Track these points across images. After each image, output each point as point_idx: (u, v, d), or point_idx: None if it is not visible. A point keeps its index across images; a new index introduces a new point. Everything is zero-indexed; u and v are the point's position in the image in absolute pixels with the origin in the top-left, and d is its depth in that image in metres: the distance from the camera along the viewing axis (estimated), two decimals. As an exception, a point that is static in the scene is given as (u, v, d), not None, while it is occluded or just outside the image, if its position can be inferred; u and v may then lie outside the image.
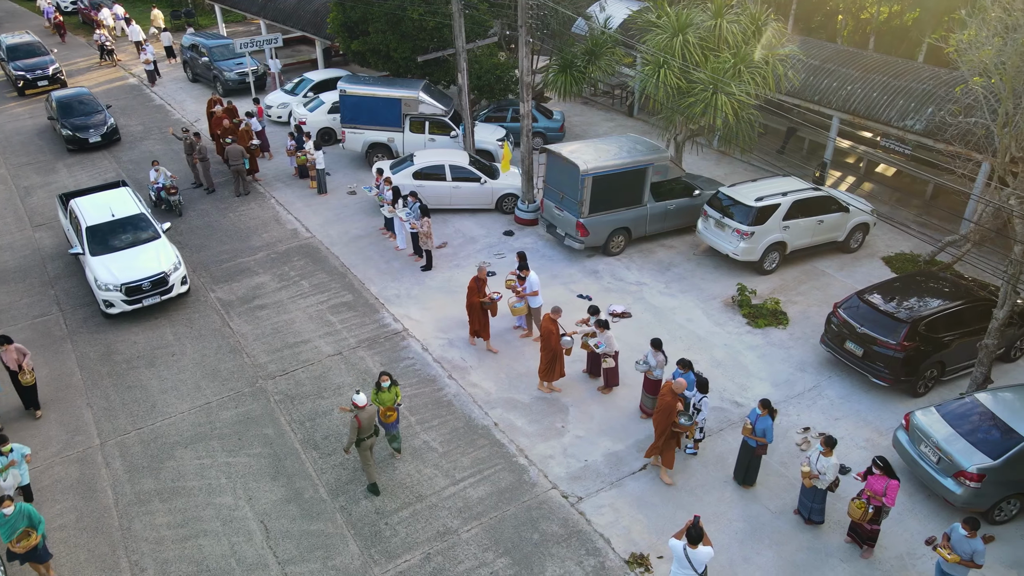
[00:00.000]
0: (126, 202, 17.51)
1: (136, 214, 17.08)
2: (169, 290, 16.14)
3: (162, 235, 16.98)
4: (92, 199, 17.56)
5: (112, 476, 12.24)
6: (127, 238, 16.66)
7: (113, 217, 16.84)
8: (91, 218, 16.76)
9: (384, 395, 11.77)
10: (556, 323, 13.13)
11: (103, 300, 15.65)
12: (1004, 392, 11.70)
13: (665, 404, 11.35)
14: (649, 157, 17.71)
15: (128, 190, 18.16)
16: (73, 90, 26.20)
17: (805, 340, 15.25)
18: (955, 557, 9.02)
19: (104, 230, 16.61)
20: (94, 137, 24.66)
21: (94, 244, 16.35)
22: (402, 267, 17.94)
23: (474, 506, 11.55)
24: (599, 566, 10.58)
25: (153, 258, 16.20)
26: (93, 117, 25.06)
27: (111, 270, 15.77)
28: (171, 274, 16.14)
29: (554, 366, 13.46)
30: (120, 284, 15.60)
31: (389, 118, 22.14)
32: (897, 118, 19.17)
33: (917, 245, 18.46)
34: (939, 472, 11.07)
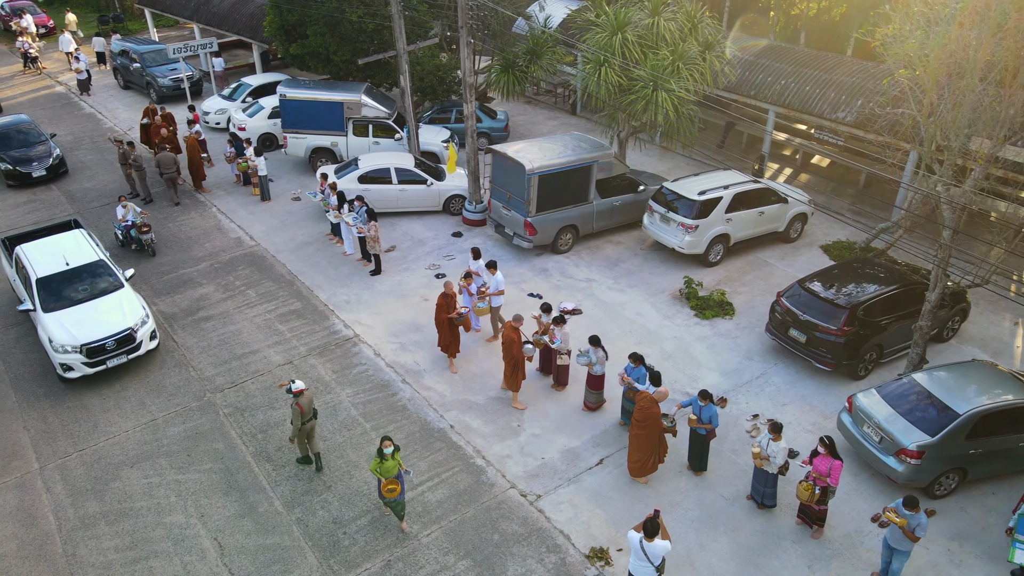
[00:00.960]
0: (81, 247, 15.42)
1: (94, 261, 15.04)
2: (136, 347, 14.20)
3: (125, 284, 14.99)
4: (41, 245, 15.42)
5: (54, 501, 11.78)
6: (85, 289, 14.65)
7: (68, 266, 14.78)
8: (42, 268, 14.71)
9: (387, 463, 10.36)
10: (518, 331, 12.83)
11: (60, 364, 13.64)
12: (939, 371, 12.21)
13: (651, 415, 11.07)
14: (594, 155, 17.89)
15: (83, 232, 16.08)
16: (10, 118, 23.47)
17: (751, 329, 15.63)
18: (903, 520, 9.34)
19: (58, 281, 14.57)
20: (38, 171, 21.99)
21: (47, 298, 14.32)
22: (351, 272, 17.73)
23: (433, 510, 11.50)
24: (560, 562, 10.65)
25: (116, 311, 14.31)
26: (35, 148, 22.44)
27: (68, 328, 13.79)
28: (138, 329, 14.25)
29: (516, 374, 13.09)
30: (80, 344, 13.60)
31: (331, 122, 21.83)
32: (829, 110, 19.80)
33: (853, 233, 19.11)
34: (881, 451, 11.49)
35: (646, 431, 11.26)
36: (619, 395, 13.08)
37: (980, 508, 11.47)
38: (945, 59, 11.96)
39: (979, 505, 11.52)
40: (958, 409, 11.20)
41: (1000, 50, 11.47)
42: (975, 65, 11.57)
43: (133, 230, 18.17)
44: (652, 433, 11.25)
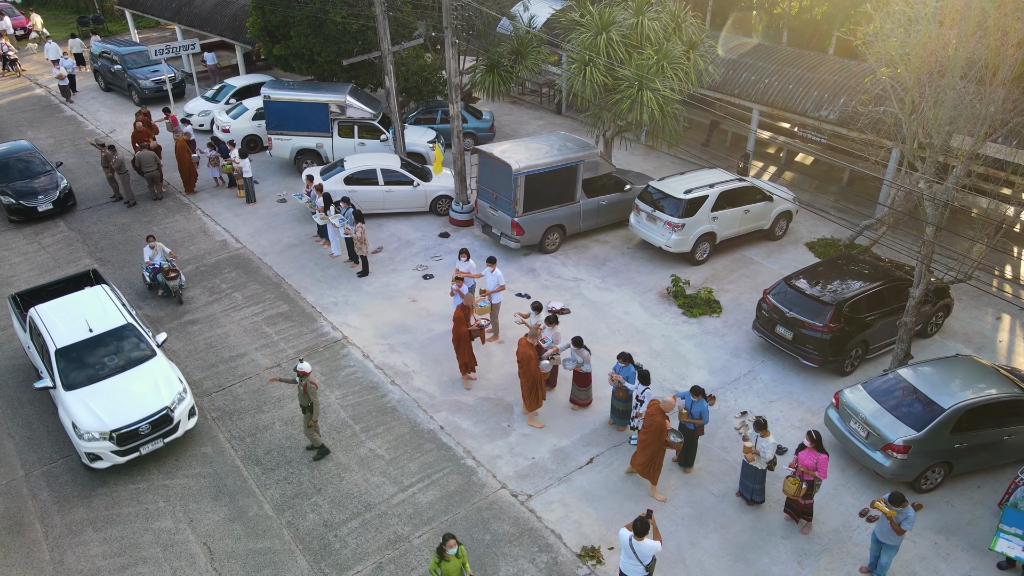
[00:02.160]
0: (105, 308, 13.38)
1: (121, 326, 13.04)
2: (174, 429, 12.26)
3: (158, 352, 13.01)
4: (59, 306, 13.38)
5: (40, 508, 11.65)
6: (112, 360, 12.65)
7: (91, 333, 12.79)
8: (61, 336, 12.70)
9: (448, 565, 9.12)
10: (534, 347, 12.35)
11: (86, 452, 11.69)
12: (924, 367, 12.35)
13: (656, 424, 10.92)
14: (580, 154, 17.93)
15: (105, 289, 13.96)
16: (10, 145, 21.21)
17: (738, 327, 15.73)
18: (892, 511, 9.44)
19: (81, 353, 12.57)
20: (44, 204, 19.82)
21: (69, 373, 12.31)
22: (338, 274, 17.66)
23: (424, 511, 11.48)
24: (552, 562, 10.67)
25: (149, 387, 12.33)
26: (40, 179, 20.26)
27: (95, 411, 11.81)
28: (175, 407, 12.25)
29: (535, 392, 12.62)
30: (109, 431, 11.64)
31: (316, 123, 21.74)
32: (812, 109, 19.98)
33: (837, 230, 19.29)
34: (868, 446, 11.60)
35: (648, 437, 11.07)
36: (608, 394, 13.11)
37: (966, 501, 11.61)
38: (926, 57, 12.09)
39: (965, 499, 11.66)
40: (943, 404, 11.33)
41: (980, 48, 11.61)
42: (956, 63, 11.71)
43: (160, 274, 16.31)
44: (655, 440, 11.04)
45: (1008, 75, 11.46)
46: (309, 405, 11.93)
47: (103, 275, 15.25)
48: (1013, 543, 10.01)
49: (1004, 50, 11.29)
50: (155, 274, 16.37)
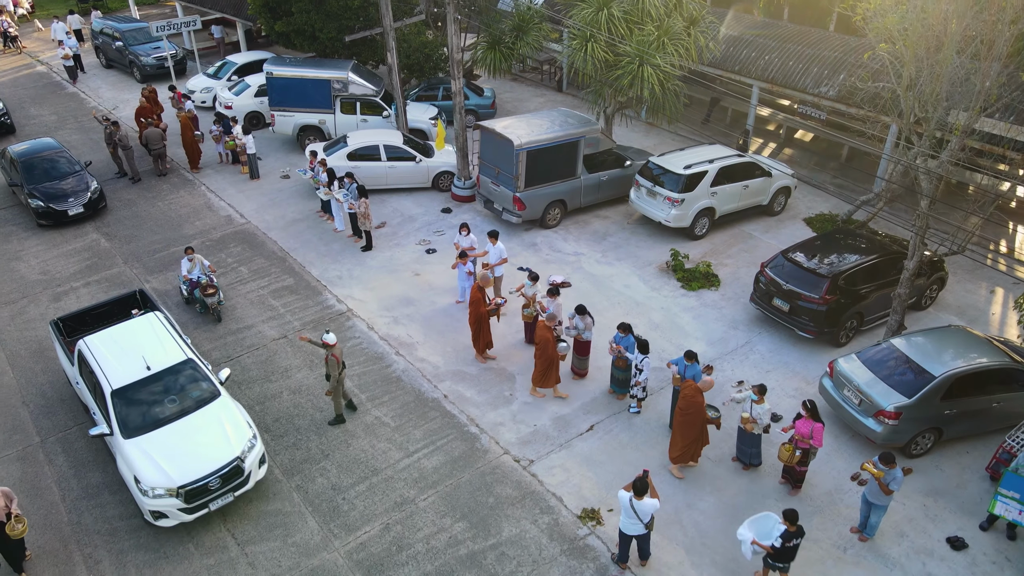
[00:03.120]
0: (162, 340, 12.04)
1: (182, 362, 11.78)
2: (245, 481, 10.99)
3: (222, 391, 11.72)
4: (110, 338, 12.04)
5: (56, 473, 12.00)
6: (174, 402, 11.34)
7: (149, 371, 11.51)
8: (117, 374, 11.38)
9: None
10: (551, 330, 12.55)
11: (150, 510, 10.49)
12: (917, 336, 12.65)
13: (696, 405, 11.03)
14: (581, 130, 18.11)
15: (158, 317, 12.62)
16: (37, 143, 20.10)
17: (736, 300, 16.01)
18: (880, 472, 9.79)
19: (139, 394, 11.29)
20: (75, 208, 18.55)
21: (128, 418, 11.04)
22: (342, 249, 17.91)
23: (429, 475, 11.84)
24: (553, 523, 11.04)
25: (217, 434, 11.02)
26: (68, 179, 19.07)
27: (159, 463, 10.55)
28: (247, 456, 11.02)
29: (550, 373, 12.81)
30: (177, 487, 10.41)
31: (319, 100, 21.87)
32: (812, 85, 20.11)
33: (835, 205, 19.52)
34: (861, 413, 11.93)
35: (690, 418, 11.20)
36: (607, 364, 13.42)
37: (955, 466, 11.97)
38: (924, 32, 12.26)
39: (954, 463, 12.02)
40: (934, 372, 11.65)
41: (977, 23, 11.78)
42: (952, 38, 11.88)
43: (197, 290, 15.29)
44: (696, 421, 11.21)
45: (1003, 50, 11.64)
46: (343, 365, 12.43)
47: (149, 295, 14.25)
48: (1010, 506, 10.34)
49: (999, 26, 11.47)
50: (192, 289, 15.35)
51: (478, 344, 14.07)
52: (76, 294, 16.34)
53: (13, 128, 24.12)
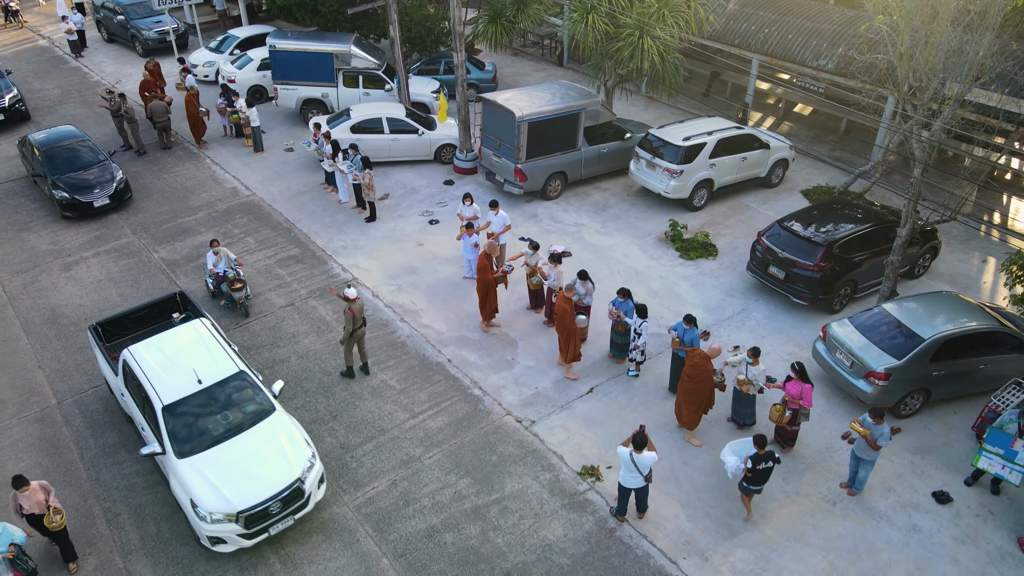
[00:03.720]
0: (211, 350, 11.38)
1: (234, 374, 11.13)
2: (305, 503, 10.41)
3: (277, 406, 11.06)
4: (156, 347, 11.37)
5: (74, 433, 12.41)
6: (227, 418, 10.71)
7: (201, 384, 10.88)
8: (167, 388, 10.74)
9: None
10: (571, 302, 12.65)
11: (208, 536, 9.92)
12: (908, 301, 13.00)
13: (705, 372, 11.28)
14: (581, 102, 18.32)
15: (204, 324, 11.99)
16: (58, 131, 19.44)
17: (733, 268, 16.35)
18: (866, 431, 10.21)
19: (191, 409, 10.66)
20: (100, 199, 18.01)
21: (181, 436, 10.42)
22: (346, 220, 18.22)
23: (434, 435, 12.25)
24: (554, 479, 11.47)
25: (275, 452, 10.39)
26: (93, 169, 18.42)
27: (217, 486, 9.95)
28: (306, 478, 10.38)
29: (569, 345, 12.95)
30: (237, 512, 9.81)
31: (322, 73, 22.05)
32: (811, 58, 20.27)
33: (833, 177, 19.78)
34: (852, 375, 12.31)
35: (698, 386, 11.50)
36: (607, 329, 13.77)
37: (943, 425, 12.38)
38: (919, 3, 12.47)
39: (942, 423, 12.43)
40: (923, 334, 12.01)
41: (971, -7, 12.00)
42: (947, 9, 12.10)
43: (224, 284, 14.97)
44: (704, 388, 11.52)
45: (995, 21, 11.86)
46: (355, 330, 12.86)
47: (190, 297, 13.63)
48: (994, 461, 10.75)
49: (992, -4, 11.69)
50: (219, 283, 15.02)
51: (484, 311, 14.39)
52: (86, 263, 16.67)
53: (28, 115, 23.43)
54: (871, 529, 10.65)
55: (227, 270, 14.94)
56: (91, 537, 10.70)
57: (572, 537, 10.58)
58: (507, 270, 14.48)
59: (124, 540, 10.66)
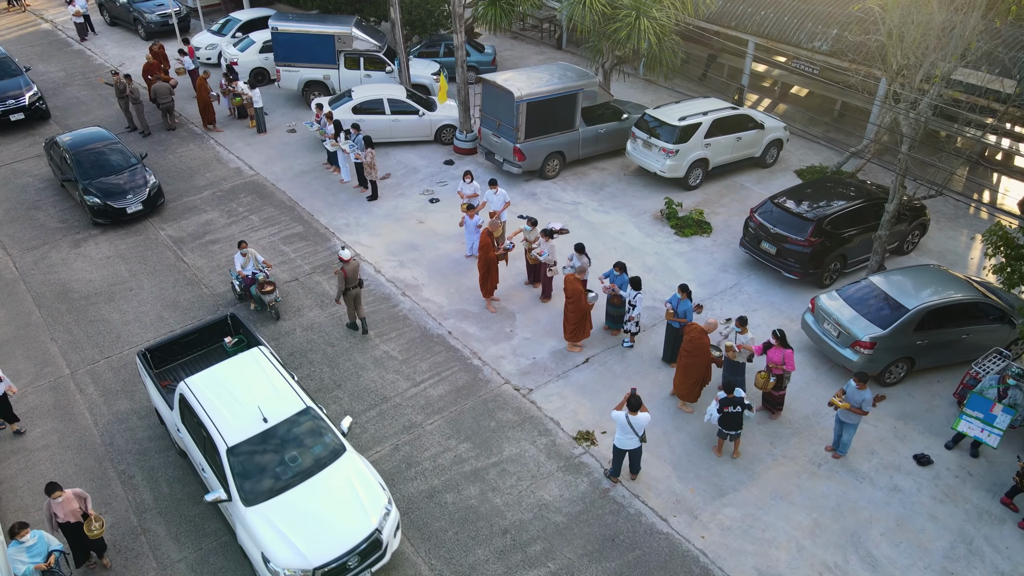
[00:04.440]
0: (273, 382, 10.54)
1: (301, 411, 10.21)
2: (383, 554, 9.56)
3: (347, 445, 10.19)
4: (214, 380, 10.56)
5: (87, 400, 12.86)
6: (296, 462, 9.80)
7: (267, 424, 9.97)
8: (231, 427, 9.87)
9: None
10: (582, 282, 12.98)
11: None
12: (894, 274, 13.40)
13: (702, 347, 11.60)
14: (579, 83, 18.64)
15: (264, 352, 11.15)
16: (86, 133, 18.64)
17: (727, 245, 16.74)
18: (845, 404, 10.68)
19: (259, 452, 9.75)
20: (134, 205, 17.26)
21: (248, 481, 9.55)
22: (349, 198, 18.59)
23: (435, 403, 12.70)
24: (551, 443, 11.92)
25: (350, 499, 9.54)
26: (125, 173, 17.70)
27: (290, 538, 9.10)
28: (384, 526, 9.53)
29: (584, 325, 13.27)
30: (314, 568, 8.99)
31: (323, 55, 22.34)
32: (806, 40, 20.56)
33: (827, 158, 20.12)
34: (839, 344, 12.73)
35: (696, 360, 11.81)
36: (603, 301, 14.17)
37: (926, 393, 12.82)
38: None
39: (925, 391, 12.87)
40: (908, 305, 12.42)
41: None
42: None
43: (253, 287, 14.50)
44: (701, 362, 11.87)
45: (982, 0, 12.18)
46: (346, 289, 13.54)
47: (241, 320, 12.86)
48: (972, 424, 11.20)
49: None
50: (248, 285, 14.57)
51: (485, 287, 14.77)
52: (95, 240, 17.07)
53: (48, 113, 22.50)
54: (854, 489, 11.11)
55: (256, 272, 14.50)
56: (107, 498, 11.16)
57: (567, 497, 11.05)
58: (508, 247, 14.86)
59: (138, 500, 11.12)
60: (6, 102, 21.50)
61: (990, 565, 10.09)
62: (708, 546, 10.33)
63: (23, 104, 21.77)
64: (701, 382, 12.26)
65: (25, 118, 21.91)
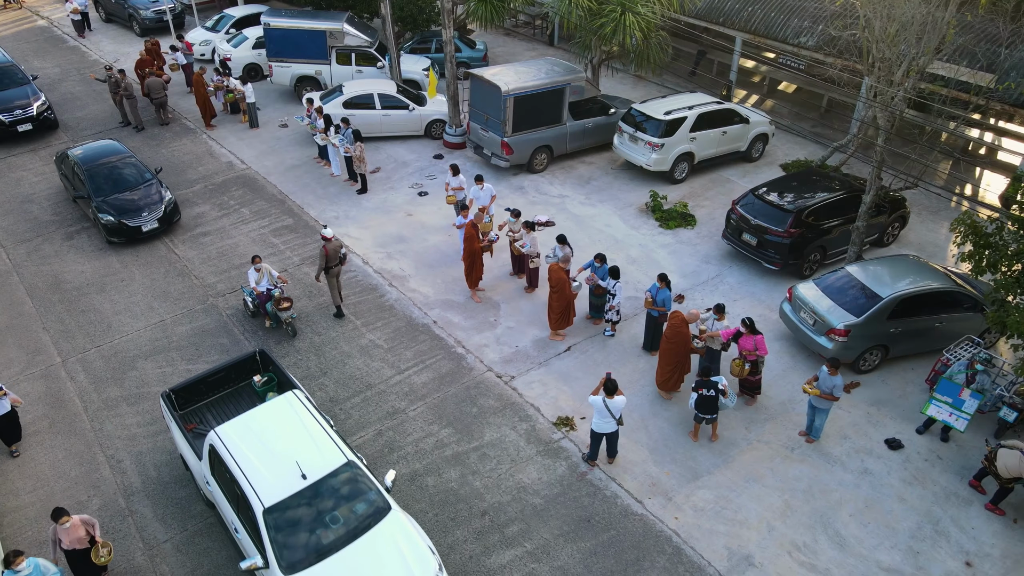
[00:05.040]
0: (311, 431, 9.71)
1: (343, 465, 9.40)
2: None
3: (392, 504, 9.41)
4: (247, 428, 9.71)
5: (78, 388, 13.11)
6: (340, 522, 9.03)
7: (306, 480, 9.15)
8: (267, 487, 9.05)
9: None
10: (567, 272, 13.29)
11: None
12: (870, 264, 13.65)
13: (682, 336, 11.84)
14: (566, 77, 18.89)
15: (299, 396, 10.29)
16: (98, 146, 17.92)
17: (710, 237, 16.99)
18: (815, 391, 10.96)
19: (298, 512, 8.96)
20: (149, 223, 16.51)
21: (287, 546, 8.75)
22: (338, 192, 18.84)
23: (418, 390, 12.95)
24: (531, 429, 12.18)
25: (397, 563, 8.78)
26: (139, 189, 16.92)
27: None
28: None
29: (567, 314, 13.55)
30: None
31: (315, 51, 22.57)
32: (792, 36, 20.80)
33: (812, 152, 20.36)
34: (814, 332, 12.99)
35: (674, 346, 12.06)
36: (586, 291, 14.41)
37: (899, 380, 13.08)
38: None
39: (899, 378, 13.12)
40: (881, 293, 12.67)
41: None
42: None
43: (269, 303, 13.87)
44: (680, 349, 12.10)
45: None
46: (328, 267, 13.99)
47: (271, 356, 11.80)
48: (941, 409, 11.47)
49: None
50: (263, 302, 13.96)
51: (470, 278, 15.02)
52: (87, 233, 17.31)
53: (56, 123, 21.72)
54: (825, 472, 11.37)
55: (271, 287, 13.92)
56: (95, 481, 11.42)
57: (545, 480, 11.31)
58: (492, 239, 15.11)
59: (126, 484, 11.38)
60: (13, 112, 20.80)
61: (955, 544, 10.36)
62: (681, 527, 10.59)
63: (31, 114, 20.99)
64: (680, 369, 12.50)
65: (33, 128, 21.17)
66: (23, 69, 22.35)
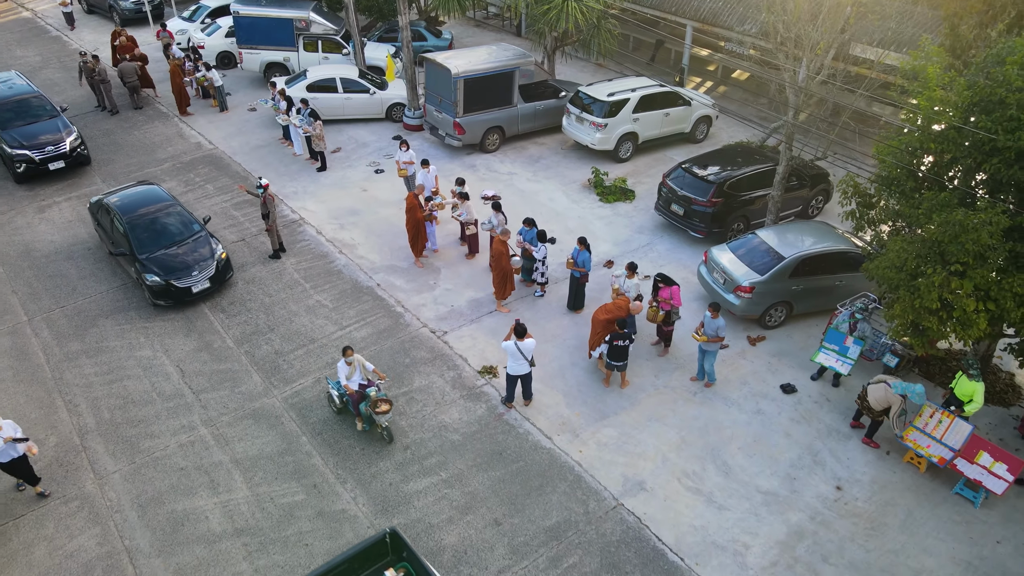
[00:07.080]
0: None
1: None
2: None
3: None
4: None
5: (41, 343, 14.12)
6: None
7: None
8: None
9: None
10: (506, 244, 13.95)
11: None
12: (780, 229, 14.67)
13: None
14: (515, 61, 19.91)
15: None
16: (139, 192, 15.92)
17: (646, 211, 18.01)
18: (703, 337, 12.01)
19: None
20: (200, 283, 14.61)
21: None
22: (299, 170, 19.85)
23: (357, 343, 13.96)
24: (457, 376, 13.20)
25: None
26: (188, 242, 14.99)
27: None
28: None
29: (505, 284, 14.32)
30: None
31: (283, 38, 23.59)
32: (737, 23, 21.83)
33: (755, 134, 21.33)
34: (724, 290, 14.02)
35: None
36: (519, 256, 15.43)
37: (803, 335, 14.11)
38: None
39: (802, 332, 14.16)
40: (785, 254, 13.70)
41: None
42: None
43: (363, 403, 11.67)
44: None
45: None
46: (266, 213, 15.40)
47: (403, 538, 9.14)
48: (829, 356, 12.53)
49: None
50: (357, 402, 11.74)
51: (416, 247, 16.03)
52: (59, 207, 18.32)
53: (89, 159, 19.66)
54: (722, 413, 12.40)
55: (366, 385, 11.73)
56: (53, 423, 12.43)
57: (465, 420, 12.33)
58: (433, 212, 16.11)
59: (81, 424, 12.39)
60: (44, 149, 18.65)
61: (830, 472, 11.39)
62: (584, 459, 11.61)
63: (63, 151, 18.86)
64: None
65: (66, 166, 19.04)
66: (51, 100, 20.48)
